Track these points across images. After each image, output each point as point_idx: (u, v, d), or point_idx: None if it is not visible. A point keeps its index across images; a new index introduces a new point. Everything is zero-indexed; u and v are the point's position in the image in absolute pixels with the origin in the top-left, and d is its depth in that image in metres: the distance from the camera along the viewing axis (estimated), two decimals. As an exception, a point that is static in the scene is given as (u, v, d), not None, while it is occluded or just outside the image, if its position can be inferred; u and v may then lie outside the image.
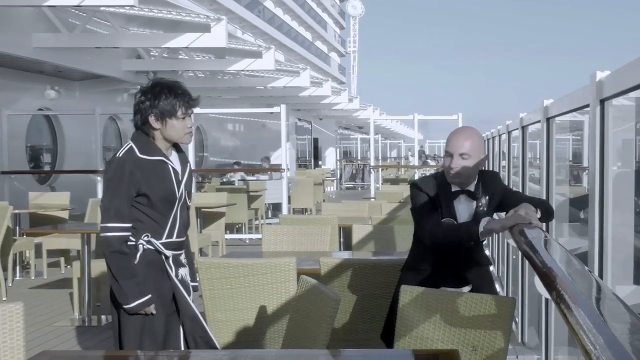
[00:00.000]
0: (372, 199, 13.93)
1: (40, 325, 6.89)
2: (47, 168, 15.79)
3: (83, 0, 8.88)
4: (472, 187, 3.77)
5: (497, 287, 8.27)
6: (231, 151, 26.02)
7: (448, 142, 3.71)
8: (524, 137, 6.06)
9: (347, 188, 33.71)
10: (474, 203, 3.75)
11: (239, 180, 16.94)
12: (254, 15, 30.35)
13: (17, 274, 9.40)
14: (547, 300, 4.46)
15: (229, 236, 12.21)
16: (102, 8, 11.07)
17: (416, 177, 19.48)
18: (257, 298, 4.54)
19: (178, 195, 3.68)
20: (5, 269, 8.35)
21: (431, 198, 3.75)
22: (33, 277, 9.39)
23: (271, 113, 22.90)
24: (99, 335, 6.56)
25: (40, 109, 15.05)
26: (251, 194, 14.36)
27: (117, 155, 3.59)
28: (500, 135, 9.27)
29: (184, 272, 3.78)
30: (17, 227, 9.72)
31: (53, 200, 10.89)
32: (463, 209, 3.77)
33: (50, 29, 12.52)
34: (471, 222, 3.60)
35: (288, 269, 4.57)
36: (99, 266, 7.14)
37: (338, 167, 36.26)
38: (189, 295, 3.78)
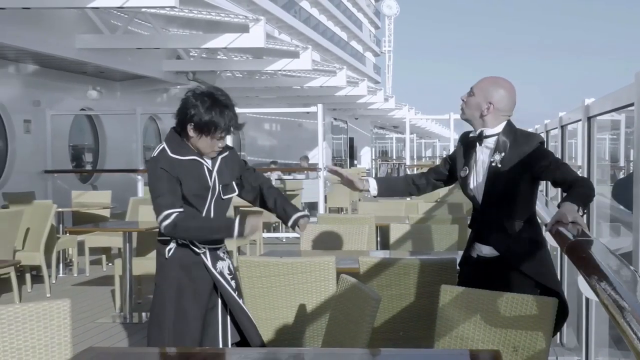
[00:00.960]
0: (409, 199, 13.85)
1: (83, 322, 6.96)
2: (89, 167, 15.98)
3: (126, 2, 8.96)
4: (492, 140, 3.66)
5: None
6: (268, 150, 26.10)
7: None
8: (563, 136, 6.00)
9: (383, 187, 33.56)
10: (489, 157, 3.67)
11: (275, 179, 16.99)
12: (290, 15, 30.40)
13: (61, 271, 9.51)
14: (587, 300, 4.40)
15: (266, 235, 12.24)
16: (143, 9, 11.18)
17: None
18: (296, 296, 4.54)
19: (210, 189, 3.73)
20: (49, 266, 8.46)
21: (457, 149, 3.86)
22: (76, 275, 9.50)
23: (307, 113, 22.98)
24: (141, 332, 6.61)
25: (82, 109, 15.23)
26: (288, 193, 14.37)
27: (152, 156, 3.73)
28: (538, 135, 9.18)
29: (222, 265, 3.82)
30: (61, 225, 9.84)
31: (95, 199, 11.01)
32: (483, 160, 3.70)
33: (93, 30, 12.67)
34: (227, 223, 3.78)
35: (327, 268, 4.57)
36: (140, 264, 7.20)
37: (373, 166, 36.18)
38: (232, 288, 3.83)
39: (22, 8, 9.57)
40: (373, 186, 3.93)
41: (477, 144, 3.70)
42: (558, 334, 6.08)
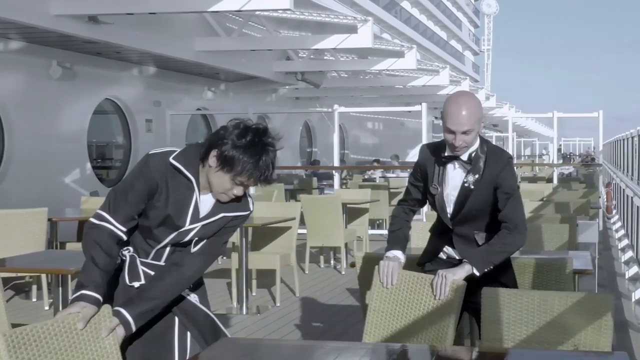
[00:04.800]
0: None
1: (202, 313, 7.09)
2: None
3: (244, 5, 9.10)
4: (466, 156, 3.56)
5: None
6: (370, 149, 26.11)
7: (448, 118, 3.49)
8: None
9: (482, 185, 33.05)
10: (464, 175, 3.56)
11: (379, 177, 16.97)
12: (391, 15, 30.33)
13: (179, 264, 9.71)
14: None
15: (371, 231, 12.22)
16: (257, 12, 11.34)
17: (554, 176, 18.87)
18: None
19: (181, 231, 3.01)
20: (168, 259, 8.64)
21: (422, 164, 3.70)
22: (193, 267, 9.71)
23: (409, 112, 22.80)
24: (257, 323, 6.71)
25: (198, 109, 15.63)
26: (391, 190, 14.32)
27: (151, 151, 3.03)
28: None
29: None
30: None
31: (209, 195, 11.23)
32: (454, 177, 3.59)
33: (210, 33, 12.98)
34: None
35: (444, 265, 4.52)
36: (254, 258, 7.31)
37: (473, 164, 35.58)
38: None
39: (149, 13, 9.89)
40: (402, 257, 3.73)
41: (458, 164, 3.59)
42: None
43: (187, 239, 3.01)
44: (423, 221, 10.67)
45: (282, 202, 11.67)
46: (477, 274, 3.41)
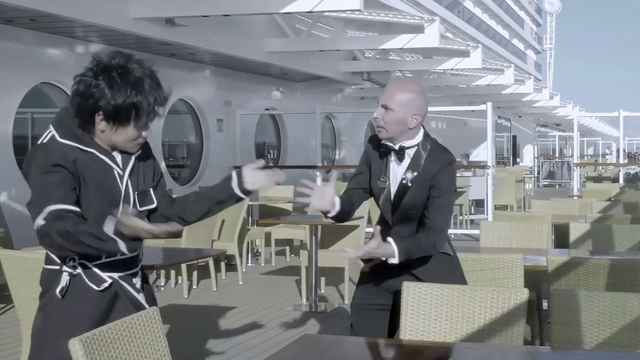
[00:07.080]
0: (575, 197, 13.35)
1: (273, 310, 7.12)
2: (271, 163, 16.48)
3: (315, 6, 9.11)
4: (397, 146, 3.32)
5: None
6: (434, 148, 25.87)
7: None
8: None
9: (544, 186, 32.45)
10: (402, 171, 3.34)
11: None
12: (454, 15, 30.05)
13: (249, 261, 9.76)
14: None
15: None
16: (327, 13, 11.36)
17: (620, 176, 18.43)
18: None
19: (122, 199, 2.62)
20: (240, 256, 8.71)
21: (368, 155, 3.44)
22: (262, 264, 9.73)
23: (472, 111, 22.53)
24: (326, 321, 6.69)
25: (267, 109, 15.75)
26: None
27: (41, 142, 2.56)
28: None
29: (139, 298, 2.72)
30: (250, 218, 10.12)
31: (278, 193, 11.29)
32: (394, 171, 3.36)
33: (280, 34, 13.07)
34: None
35: (515, 265, 4.46)
36: (324, 256, 7.31)
37: (536, 164, 35.00)
38: None
39: (223, 15, 10.00)
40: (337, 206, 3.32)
41: (393, 157, 3.36)
42: None
43: (123, 190, 2.62)
44: (489, 220, 10.58)
45: (349, 200, 11.66)
46: (397, 261, 3.18)
